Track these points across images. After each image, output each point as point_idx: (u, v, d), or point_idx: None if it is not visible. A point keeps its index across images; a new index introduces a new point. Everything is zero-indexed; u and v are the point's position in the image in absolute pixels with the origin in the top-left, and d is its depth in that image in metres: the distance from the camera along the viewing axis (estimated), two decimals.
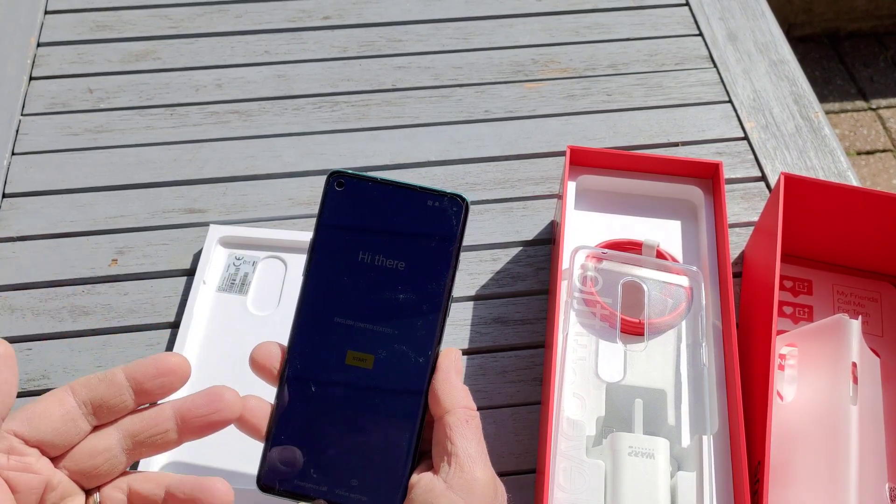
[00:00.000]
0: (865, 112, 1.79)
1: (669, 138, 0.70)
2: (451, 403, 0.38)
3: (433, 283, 0.40)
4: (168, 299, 0.59)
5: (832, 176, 0.67)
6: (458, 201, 0.40)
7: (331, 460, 0.39)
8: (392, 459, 0.39)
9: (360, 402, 0.39)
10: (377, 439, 0.39)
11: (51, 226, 0.63)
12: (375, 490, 0.38)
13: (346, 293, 0.40)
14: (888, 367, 0.55)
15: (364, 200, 0.41)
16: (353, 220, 0.40)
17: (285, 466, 0.39)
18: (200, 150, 0.67)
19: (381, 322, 0.40)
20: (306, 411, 0.39)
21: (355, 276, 0.40)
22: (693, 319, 0.54)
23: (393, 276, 0.40)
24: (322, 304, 0.40)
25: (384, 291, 0.40)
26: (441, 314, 0.40)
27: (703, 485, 0.47)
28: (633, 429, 0.49)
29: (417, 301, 0.40)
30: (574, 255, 0.55)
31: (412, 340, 0.39)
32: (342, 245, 0.40)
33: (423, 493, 0.37)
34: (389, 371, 0.39)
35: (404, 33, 0.76)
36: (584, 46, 0.76)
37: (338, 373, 0.39)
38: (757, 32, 0.78)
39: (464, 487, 0.37)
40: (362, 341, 0.39)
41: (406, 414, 0.39)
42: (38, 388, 0.55)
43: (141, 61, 0.73)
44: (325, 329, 0.40)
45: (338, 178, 0.41)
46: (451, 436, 0.38)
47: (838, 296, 0.59)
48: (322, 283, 0.40)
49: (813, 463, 0.48)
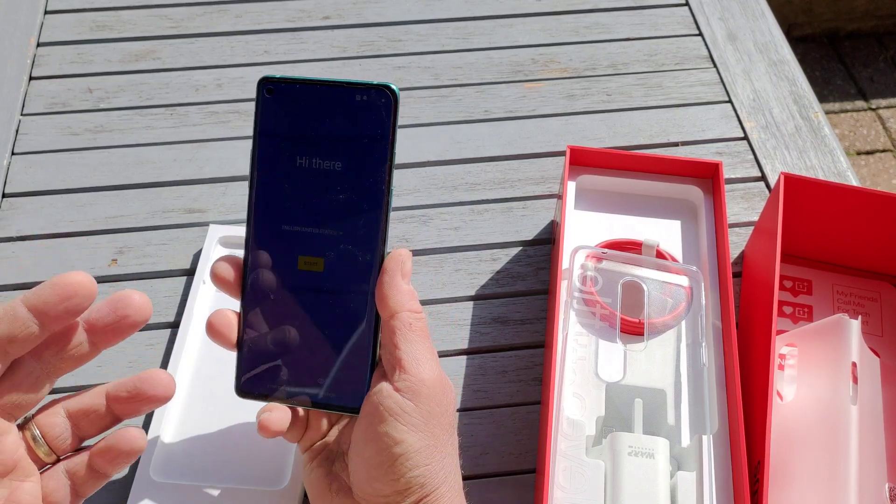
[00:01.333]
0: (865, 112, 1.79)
1: (669, 138, 0.70)
2: (395, 306, 0.39)
3: (371, 179, 0.39)
4: (168, 299, 0.59)
5: (832, 176, 0.67)
6: (386, 92, 0.39)
7: (297, 363, 0.41)
8: (353, 358, 0.40)
9: (317, 306, 0.40)
10: (337, 340, 0.40)
11: (51, 226, 0.63)
12: (342, 387, 0.41)
13: (291, 200, 0.40)
14: (888, 367, 0.55)
15: (295, 104, 0.40)
16: (287, 125, 0.40)
17: (258, 373, 0.41)
18: (200, 150, 0.67)
19: (326, 225, 0.40)
20: (269, 319, 0.41)
21: (296, 181, 0.40)
22: (693, 319, 0.54)
23: (332, 178, 0.40)
24: (269, 214, 0.40)
25: (326, 194, 0.40)
26: (382, 211, 0.39)
27: (703, 485, 0.47)
28: (633, 429, 0.49)
29: (358, 200, 0.39)
30: (574, 254, 0.55)
31: (357, 240, 0.40)
32: (280, 152, 0.40)
33: (374, 397, 0.39)
34: (339, 272, 0.40)
35: (404, 33, 0.76)
36: (583, 46, 0.76)
37: (292, 278, 0.40)
38: (757, 32, 0.78)
39: (410, 389, 0.38)
40: (311, 246, 0.40)
41: (360, 313, 0.40)
42: None
43: (141, 61, 0.73)
44: (276, 238, 0.40)
45: (267, 85, 0.40)
46: (396, 340, 0.39)
47: (838, 296, 0.59)
48: (266, 193, 0.40)
49: (813, 463, 0.48)
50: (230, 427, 0.53)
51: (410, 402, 0.38)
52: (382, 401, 0.38)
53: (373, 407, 0.39)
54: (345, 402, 0.41)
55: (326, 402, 0.41)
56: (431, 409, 0.39)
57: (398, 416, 0.38)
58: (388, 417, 0.38)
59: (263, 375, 0.41)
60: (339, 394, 0.41)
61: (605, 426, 0.50)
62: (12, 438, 0.35)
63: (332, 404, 0.41)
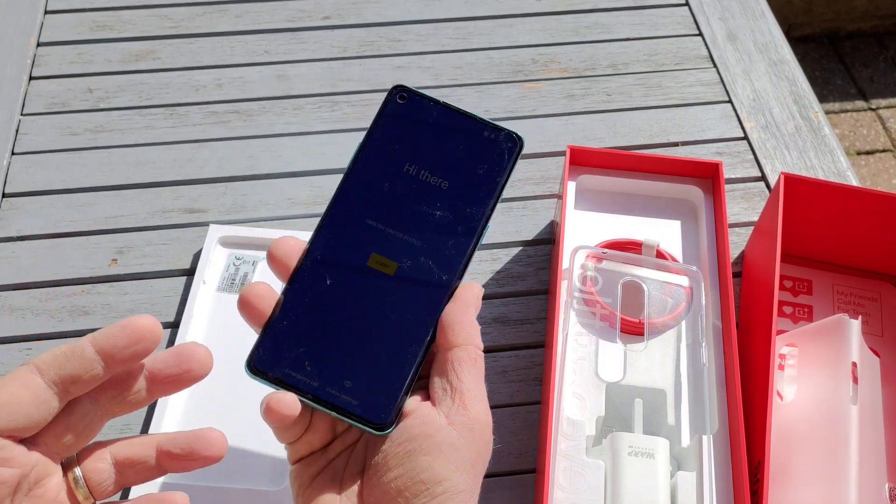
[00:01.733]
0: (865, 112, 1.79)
1: (669, 138, 0.70)
2: (464, 338, 0.37)
3: (473, 207, 0.39)
4: (168, 299, 0.59)
5: (832, 176, 0.67)
6: (514, 138, 0.40)
7: (329, 357, 0.37)
8: (393, 372, 0.37)
9: (373, 307, 0.38)
10: (381, 348, 0.37)
11: (51, 226, 0.63)
12: (369, 397, 0.36)
13: (384, 198, 0.39)
14: (888, 367, 0.55)
15: (421, 117, 0.40)
16: (406, 132, 0.40)
17: (280, 353, 0.37)
18: (200, 150, 0.67)
19: (412, 233, 0.38)
20: (314, 302, 0.38)
21: (396, 183, 0.39)
22: (693, 319, 0.54)
23: (434, 193, 0.39)
24: (356, 203, 0.39)
25: (422, 204, 0.39)
26: (474, 240, 0.39)
27: (703, 485, 0.47)
28: (633, 429, 0.49)
29: (453, 221, 0.39)
30: (574, 254, 0.55)
31: (440, 258, 0.38)
32: (390, 153, 0.40)
33: (420, 425, 0.35)
34: (410, 282, 0.38)
35: (404, 33, 0.76)
36: (583, 46, 0.76)
37: (357, 272, 0.38)
38: (757, 32, 0.78)
39: (465, 426, 0.35)
40: (389, 247, 0.38)
41: (417, 329, 0.37)
42: None
43: (141, 61, 0.73)
44: (355, 227, 0.39)
45: (400, 92, 0.40)
46: (459, 371, 0.36)
47: (838, 296, 0.59)
48: (361, 184, 0.39)
49: (813, 463, 0.48)
50: (230, 427, 0.52)
51: (464, 440, 0.35)
52: (433, 433, 0.35)
53: (418, 436, 0.35)
54: (367, 413, 0.36)
55: (346, 408, 0.36)
56: (480, 451, 0.36)
57: (448, 454, 0.35)
58: (437, 452, 0.35)
59: (283, 357, 0.37)
60: (363, 403, 0.36)
61: (605, 426, 0.50)
62: (56, 481, 0.33)
63: (353, 412, 0.36)
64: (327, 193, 0.66)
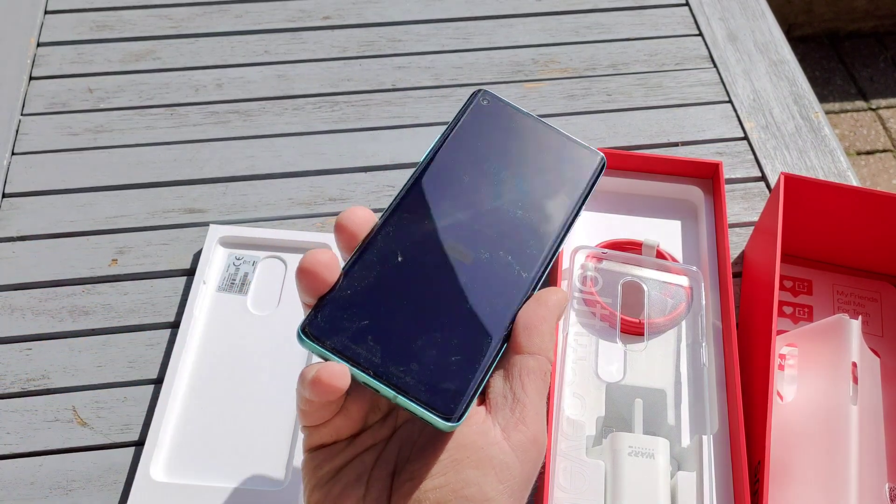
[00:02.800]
0: (865, 112, 1.79)
1: (669, 138, 0.70)
2: (538, 346, 0.33)
3: (555, 214, 0.38)
4: (168, 299, 0.59)
5: (832, 176, 0.67)
6: (598, 157, 0.39)
7: (396, 335, 0.33)
8: (465, 363, 0.33)
9: (447, 292, 0.35)
10: (454, 336, 0.34)
11: (51, 226, 0.63)
12: (437, 385, 0.32)
13: (468, 189, 0.37)
14: (888, 367, 0.55)
15: (504, 122, 0.40)
16: (489, 134, 0.39)
17: (341, 322, 0.33)
18: (200, 150, 0.67)
19: (492, 227, 0.37)
20: (384, 276, 0.34)
21: (477, 178, 0.38)
22: (693, 319, 0.54)
23: (516, 194, 0.38)
24: (436, 189, 0.37)
25: (503, 202, 0.37)
26: (555, 244, 0.37)
27: (703, 485, 0.47)
28: (633, 429, 0.49)
29: (535, 223, 0.37)
30: (574, 255, 0.55)
31: (519, 256, 0.36)
32: (472, 150, 0.38)
33: (473, 434, 0.32)
34: (489, 273, 0.35)
35: (404, 33, 0.76)
36: (584, 46, 0.76)
37: (433, 253, 0.35)
38: (757, 32, 0.78)
39: (521, 445, 0.32)
40: (468, 235, 0.36)
41: (494, 323, 0.34)
42: (38, 388, 0.55)
43: (141, 61, 0.73)
44: (433, 209, 0.36)
45: (485, 96, 0.40)
46: (526, 382, 0.33)
47: (838, 296, 0.59)
48: (441, 173, 0.37)
49: (813, 463, 0.48)
50: (230, 427, 0.53)
51: (518, 461, 0.32)
52: (486, 445, 0.32)
53: (470, 448, 0.32)
54: (435, 401, 0.32)
55: (411, 390, 0.32)
56: (531, 473, 0.33)
57: (499, 471, 0.32)
58: (488, 467, 0.31)
59: (344, 328, 0.33)
60: (431, 389, 0.32)
61: (605, 426, 0.50)
62: None
63: (419, 397, 0.32)
64: (327, 193, 0.67)
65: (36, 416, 0.54)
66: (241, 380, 0.54)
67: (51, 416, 0.54)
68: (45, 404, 0.54)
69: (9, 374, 0.55)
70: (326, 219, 0.64)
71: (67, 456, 0.52)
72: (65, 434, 0.53)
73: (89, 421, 0.54)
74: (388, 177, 0.66)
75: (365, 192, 0.65)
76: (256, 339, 0.56)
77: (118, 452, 0.52)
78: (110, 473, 0.52)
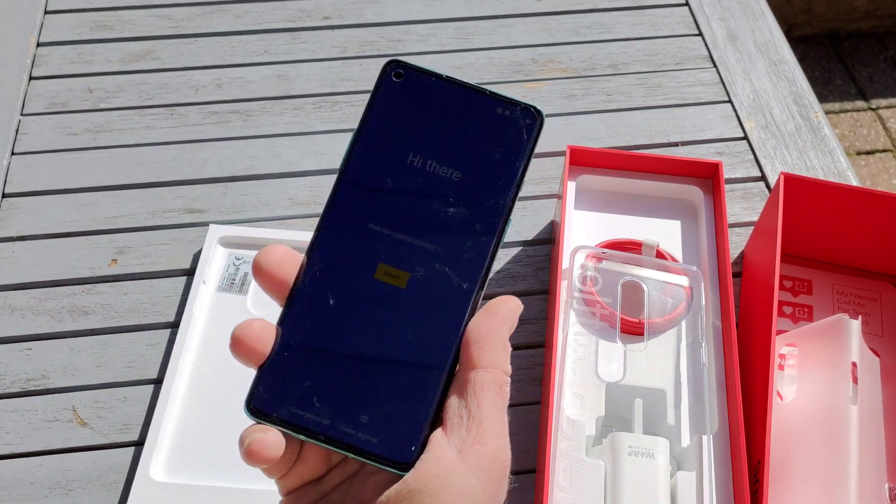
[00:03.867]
0: (865, 112, 1.79)
1: (669, 138, 0.70)
2: (490, 359, 0.32)
3: (492, 200, 0.34)
4: (168, 299, 0.59)
5: (832, 176, 0.67)
6: (532, 112, 0.34)
7: (340, 389, 0.32)
8: (414, 402, 0.32)
9: (385, 327, 0.33)
10: (398, 374, 0.32)
11: (51, 226, 0.63)
12: (389, 433, 0.32)
13: (388, 198, 0.34)
14: (888, 367, 0.55)
15: (423, 97, 0.35)
16: (407, 117, 0.35)
17: (283, 390, 0.32)
18: (200, 150, 0.67)
19: (424, 236, 0.33)
20: (318, 327, 0.33)
21: (401, 180, 0.34)
22: (693, 319, 0.54)
23: (446, 186, 0.34)
24: (357, 207, 0.34)
25: (433, 202, 0.34)
26: (496, 238, 0.34)
27: (703, 485, 0.47)
28: (633, 429, 0.49)
29: (470, 218, 0.34)
30: (574, 254, 0.55)
31: (458, 263, 0.33)
32: (390, 144, 0.34)
33: (430, 459, 0.31)
34: (426, 294, 0.33)
35: (404, 33, 0.76)
36: (584, 46, 0.76)
37: (363, 287, 0.33)
38: (757, 32, 0.78)
39: (480, 465, 0.31)
40: (398, 255, 0.33)
41: (438, 349, 0.33)
42: (38, 388, 0.55)
43: (141, 61, 0.73)
44: (356, 235, 0.34)
45: (396, 68, 0.35)
46: (480, 398, 0.31)
47: (838, 296, 0.59)
48: (360, 184, 0.34)
49: (813, 463, 0.48)
50: (230, 427, 0.52)
51: (478, 481, 0.31)
52: (443, 473, 0.30)
53: (426, 476, 0.31)
54: (388, 452, 0.31)
55: (364, 448, 0.31)
56: (496, 492, 0.32)
57: (459, 496, 0.30)
58: (444, 492, 0.30)
59: (287, 396, 0.32)
60: (383, 441, 0.31)
61: (605, 426, 0.50)
62: None
63: (372, 452, 0.31)
64: (327, 193, 0.66)
65: (36, 416, 0.54)
66: (240, 380, 0.54)
67: (51, 416, 0.54)
68: (45, 404, 0.54)
69: (9, 374, 0.55)
70: None
71: (67, 456, 0.52)
72: (65, 434, 0.53)
73: (89, 421, 0.54)
74: None
75: None
76: None
77: (118, 452, 0.52)
78: (110, 473, 0.52)
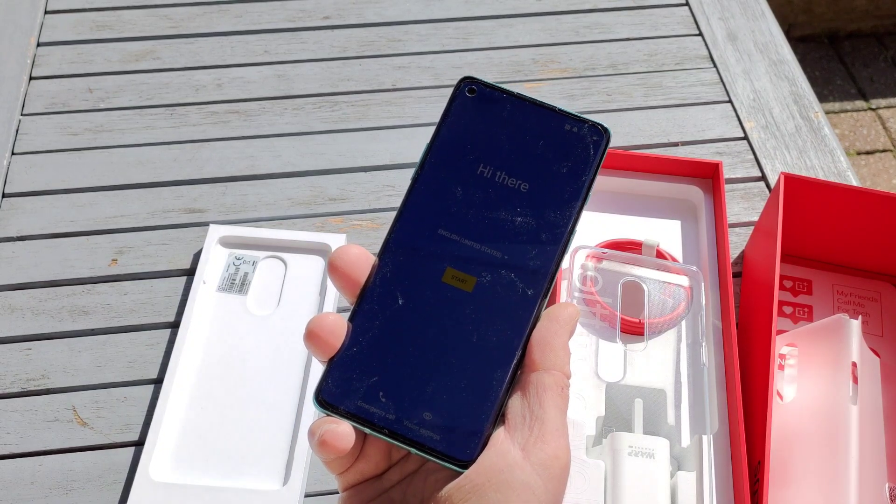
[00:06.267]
0: (865, 112, 1.79)
1: (669, 138, 0.70)
2: (553, 362, 0.34)
3: (558, 211, 0.35)
4: (168, 299, 0.59)
5: (832, 176, 0.67)
6: (599, 130, 0.36)
7: (406, 386, 0.33)
8: (477, 401, 0.33)
9: (452, 328, 0.34)
10: (464, 374, 0.34)
11: (51, 226, 0.63)
12: (451, 430, 0.33)
13: (458, 205, 0.35)
14: (888, 367, 0.55)
15: (494, 112, 0.37)
16: (479, 130, 0.36)
17: (351, 384, 0.33)
18: (200, 150, 0.67)
19: (491, 243, 0.35)
20: (387, 326, 0.34)
21: (471, 189, 0.36)
22: (693, 319, 0.54)
23: (514, 197, 0.35)
24: (427, 213, 0.35)
25: (501, 211, 0.35)
26: (561, 248, 0.35)
27: (703, 484, 0.47)
28: (633, 428, 0.49)
29: (537, 228, 0.35)
30: (574, 254, 0.55)
31: (524, 270, 0.35)
32: (462, 155, 0.36)
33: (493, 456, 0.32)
34: (492, 298, 0.34)
35: (404, 33, 0.76)
36: (584, 46, 0.76)
37: (432, 290, 0.34)
38: (757, 32, 0.78)
39: (542, 463, 0.32)
40: (466, 260, 0.35)
41: (502, 352, 0.34)
42: (38, 388, 0.55)
43: (141, 61, 0.73)
44: (426, 239, 0.35)
45: (469, 84, 0.37)
46: (543, 398, 0.33)
47: (838, 296, 0.59)
48: (432, 191, 0.36)
49: (813, 463, 0.48)
50: (230, 427, 0.53)
51: (540, 480, 0.31)
52: (506, 468, 0.31)
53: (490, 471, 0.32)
54: (450, 449, 0.32)
55: (426, 443, 0.32)
56: (557, 491, 0.32)
57: (522, 493, 0.31)
58: (508, 489, 0.31)
59: (355, 389, 0.33)
60: (445, 437, 0.32)
61: (605, 426, 0.50)
62: None
63: (434, 448, 0.32)
64: (327, 193, 0.67)
65: (36, 415, 0.54)
66: (240, 380, 0.54)
67: (51, 416, 0.54)
68: (45, 404, 0.54)
69: (9, 373, 0.55)
70: (326, 219, 0.64)
71: (67, 456, 0.52)
72: (65, 434, 0.53)
73: (89, 421, 0.54)
74: (388, 177, 0.66)
75: (365, 192, 0.65)
76: (256, 339, 0.56)
77: (118, 452, 0.52)
78: (110, 473, 0.52)
